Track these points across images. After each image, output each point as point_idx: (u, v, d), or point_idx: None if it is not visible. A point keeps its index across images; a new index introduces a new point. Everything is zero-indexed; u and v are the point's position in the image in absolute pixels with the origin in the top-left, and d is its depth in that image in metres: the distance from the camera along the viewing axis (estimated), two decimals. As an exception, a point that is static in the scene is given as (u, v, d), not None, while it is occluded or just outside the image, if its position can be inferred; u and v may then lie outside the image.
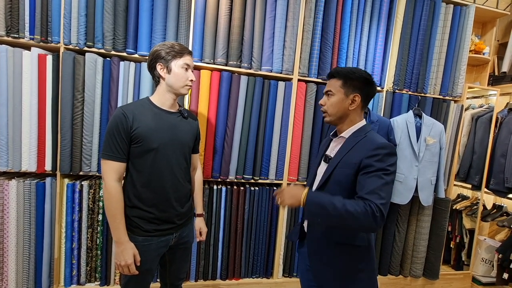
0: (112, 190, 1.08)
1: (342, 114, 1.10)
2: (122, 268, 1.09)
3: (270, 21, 1.82)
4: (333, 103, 1.09)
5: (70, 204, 1.68)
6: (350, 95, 1.08)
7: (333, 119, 1.12)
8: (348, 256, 1.08)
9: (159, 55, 1.15)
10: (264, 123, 1.90)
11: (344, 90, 1.08)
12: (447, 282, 2.35)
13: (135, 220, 1.14)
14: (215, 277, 1.94)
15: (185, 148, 1.23)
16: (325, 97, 1.13)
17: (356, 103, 1.08)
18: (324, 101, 1.12)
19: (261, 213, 1.96)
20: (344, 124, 1.12)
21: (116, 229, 1.09)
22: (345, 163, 1.04)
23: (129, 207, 1.15)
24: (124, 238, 1.10)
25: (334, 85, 1.10)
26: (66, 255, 1.70)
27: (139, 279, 1.17)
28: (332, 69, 1.13)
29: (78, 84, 1.61)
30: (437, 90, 2.18)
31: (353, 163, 1.01)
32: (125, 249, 1.09)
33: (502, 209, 2.46)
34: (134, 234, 1.14)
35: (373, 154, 0.98)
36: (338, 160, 1.06)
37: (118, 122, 1.08)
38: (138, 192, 1.14)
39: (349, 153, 1.05)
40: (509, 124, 2.31)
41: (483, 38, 2.53)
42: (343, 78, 1.08)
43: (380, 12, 2.00)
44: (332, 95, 1.10)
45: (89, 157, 1.66)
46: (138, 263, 1.11)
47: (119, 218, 1.10)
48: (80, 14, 1.58)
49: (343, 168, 1.04)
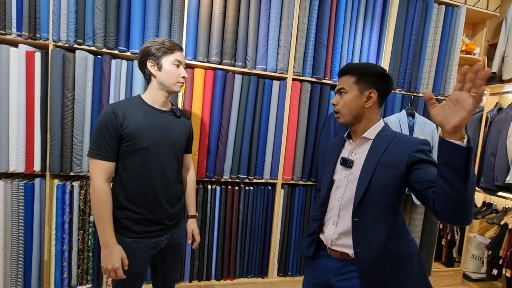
0: (100, 190, 1.04)
1: (358, 113, 1.00)
2: (109, 272, 1.05)
3: (264, 19, 1.81)
4: (347, 101, 1.00)
5: (60, 205, 1.64)
6: (365, 92, 0.99)
7: (348, 119, 1.01)
8: (407, 268, 0.96)
9: (149, 52, 1.12)
10: (259, 122, 1.89)
11: (359, 86, 0.99)
12: (439, 278, 2.38)
13: (124, 221, 1.11)
14: (210, 278, 1.92)
15: (176, 147, 1.20)
16: (337, 96, 1.04)
17: (372, 100, 0.99)
18: (337, 100, 1.03)
19: (256, 213, 1.95)
20: (361, 124, 1.02)
21: (103, 231, 1.05)
22: (385, 164, 0.93)
23: (118, 208, 1.11)
24: (111, 241, 1.05)
25: (347, 82, 1.00)
26: (57, 258, 1.66)
27: (128, 283, 1.13)
28: (344, 66, 1.04)
29: (68, 83, 1.57)
30: (429, 90, 2.21)
31: (399, 162, 0.91)
32: (112, 252, 1.04)
33: (492, 206, 2.51)
34: (123, 236, 1.10)
35: (421, 148, 0.91)
36: (375, 162, 0.95)
37: (107, 119, 1.05)
38: (127, 193, 1.11)
39: (387, 154, 0.94)
40: (499, 124, 2.35)
41: (473, 39, 2.57)
42: (357, 74, 1.00)
43: (373, 12, 2.01)
44: (345, 93, 1.00)
45: (80, 157, 1.62)
46: (126, 267, 1.07)
47: (107, 220, 1.06)
48: (70, 10, 1.54)
49: (387, 169, 0.93)
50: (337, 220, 1.02)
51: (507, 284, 2.20)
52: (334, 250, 1.03)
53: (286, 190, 2.00)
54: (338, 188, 1.04)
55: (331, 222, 1.04)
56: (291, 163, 1.97)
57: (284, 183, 1.99)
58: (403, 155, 0.91)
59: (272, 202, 1.99)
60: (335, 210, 1.04)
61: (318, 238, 1.10)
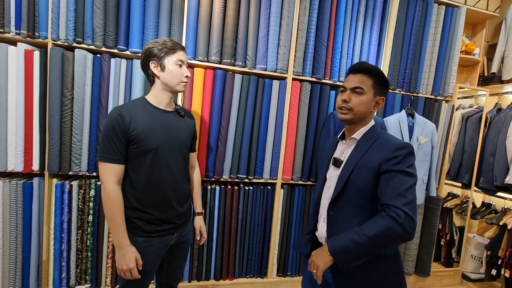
0: (111, 194, 1.05)
1: (365, 115, 1.03)
2: (124, 272, 1.06)
3: (264, 19, 1.81)
4: (363, 102, 1.00)
5: (59, 205, 1.63)
6: (377, 97, 1.02)
7: (355, 118, 1.02)
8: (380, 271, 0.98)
9: (151, 52, 1.12)
10: (259, 122, 1.88)
11: (375, 90, 1.01)
12: (438, 279, 2.39)
13: (136, 221, 1.12)
14: (209, 278, 1.92)
15: (183, 147, 1.21)
16: (350, 93, 1.01)
17: (379, 106, 1.04)
18: (350, 98, 1.01)
19: (255, 213, 1.95)
20: (359, 125, 1.05)
21: (117, 233, 1.06)
22: (362, 167, 0.97)
23: (129, 209, 1.12)
24: (125, 242, 1.07)
25: (366, 83, 1.00)
26: (55, 257, 1.65)
27: (138, 281, 1.14)
28: (360, 64, 1.05)
29: (67, 81, 1.56)
30: (429, 90, 2.21)
31: (372, 167, 0.95)
32: (127, 253, 1.06)
33: (491, 207, 2.51)
34: (134, 236, 1.11)
35: (393, 156, 0.92)
36: (353, 164, 0.99)
37: (115, 123, 1.05)
38: (137, 194, 1.12)
39: (365, 156, 0.98)
40: (498, 124, 2.35)
41: (473, 39, 2.57)
42: (376, 78, 1.01)
43: (373, 12, 2.01)
44: (363, 94, 1.00)
45: (79, 156, 1.62)
46: (140, 267, 1.09)
47: (119, 222, 1.07)
48: (69, 9, 1.53)
49: (361, 172, 0.96)
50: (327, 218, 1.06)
51: (506, 284, 2.20)
52: None
53: (285, 190, 1.99)
54: (329, 187, 1.07)
55: (322, 220, 1.08)
56: (290, 163, 1.97)
57: (283, 183, 1.99)
58: (378, 160, 0.95)
59: (272, 202, 1.98)
60: (324, 209, 1.07)
61: (314, 235, 1.13)
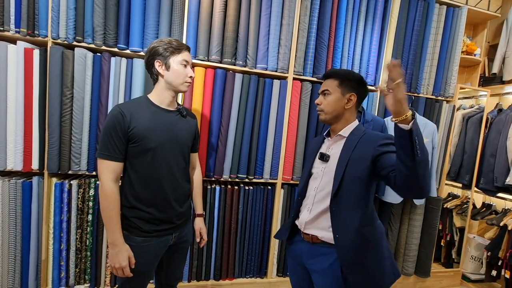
0: (108, 191, 1.05)
1: (338, 113, 1.14)
2: (116, 270, 1.07)
3: (265, 18, 1.80)
4: (330, 102, 1.14)
5: (58, 204, 1.63)
6: (347, 95, 1.14)
7: (328, 117, 1.15)
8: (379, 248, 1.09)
9: (156, 51, 1.12)
10: (259, 122, 1.88)
11: (341, 89, 1.13)
12: (438, 279, 2.38)
13: (134, 220, 1.12)
14: (209, 278, 1.91)
15: (183, 147, 1.21)
16: (321, 96, 1.17)
17: (352, 102, 1.14)
18: (320, 100, 1.17)
19: (255, 213, 1.94)
20: (339, 123, 1.16)
21: (112, 231, 1.06)
22: (356, 159, 1.06)
23: (128, 208, 1.12)
24: (119, 240, 1.07)
25: (331, 85, 1.15)
26: (54, 257, 1.65)
27: (136, 281, 1.14)
28: (328, 70, 1.21)
29: (67, 80, 1.56)
30: (430, 91, 2.20)
31: (366, 156, 1.04)
32: (120, 252, 1.06)
33: (491, 207, 2.51)
34: (132, 235, 1.11)
35: (384, 142, 1.03)
36: (347, 157, 1.08)
37: (115, 121, 1.05)
38: (136, 193, 1.11)
39: (357, 149, 1.08)
40: (499, 125, 2.35)
41: (474, 40, 2.57)
42: (340, 78, 1.14)
43: (375, 12, 2.00)
44: (329, 94, 1.14)
45: (79, 155, 1.61)
46: (133, 266, 1.08)
47: (115, 220, 1.07)
48: (69, 7, 1.53)
49: (356, 163, 1.06)
50: (311, 207, 1.15)
51: (506, 285, 2.20)
52: (306, 234, 1.16)
53: (285, 190, 1.99)
54: (315, 179, 1.17)
55: (306, 209, 1.17)
56: (291, 163, 1.96)
57: (284, 183, 1.98)
58: (369, 150, 1.04)
59: (272, 202, 1.98)
60: (310, 199, 1.16)
61: (294, 223, 1.22)
